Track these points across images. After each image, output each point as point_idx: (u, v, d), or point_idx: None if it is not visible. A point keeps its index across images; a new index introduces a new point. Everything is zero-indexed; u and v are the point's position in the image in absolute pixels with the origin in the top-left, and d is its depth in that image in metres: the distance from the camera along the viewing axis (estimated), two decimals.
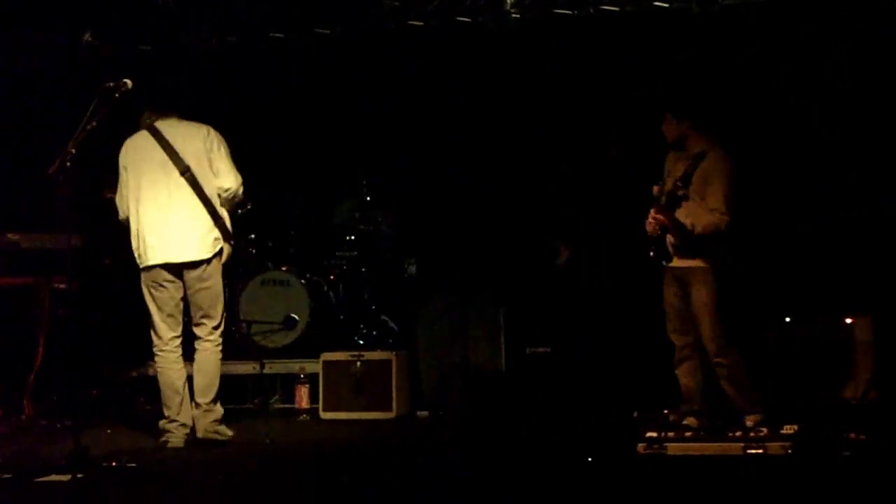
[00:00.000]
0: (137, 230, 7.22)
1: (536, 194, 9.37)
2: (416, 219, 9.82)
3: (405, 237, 9.85)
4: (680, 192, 6.94)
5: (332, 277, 9.67)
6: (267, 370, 9.00)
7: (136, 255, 7.26)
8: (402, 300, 9.51)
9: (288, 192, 9.90)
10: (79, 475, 6.22)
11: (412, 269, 9.68)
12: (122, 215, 7.31)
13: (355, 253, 9.72)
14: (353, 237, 9.75)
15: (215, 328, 7.33)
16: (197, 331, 7.34)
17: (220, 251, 7.30)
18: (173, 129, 7.25)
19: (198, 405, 7.27)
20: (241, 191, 7.37)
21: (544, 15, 9.17)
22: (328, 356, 8.62)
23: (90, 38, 9.77)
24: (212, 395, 7.27)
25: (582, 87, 9.29)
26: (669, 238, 7.02)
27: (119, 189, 7.31)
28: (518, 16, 9.15)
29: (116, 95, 6.61)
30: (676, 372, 7.17)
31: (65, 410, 8.00)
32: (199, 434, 7.25)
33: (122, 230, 7.39)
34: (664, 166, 7.25)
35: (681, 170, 7.03)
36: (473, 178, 9.44)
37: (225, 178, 7.27)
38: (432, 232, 9.62)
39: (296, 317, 9.26)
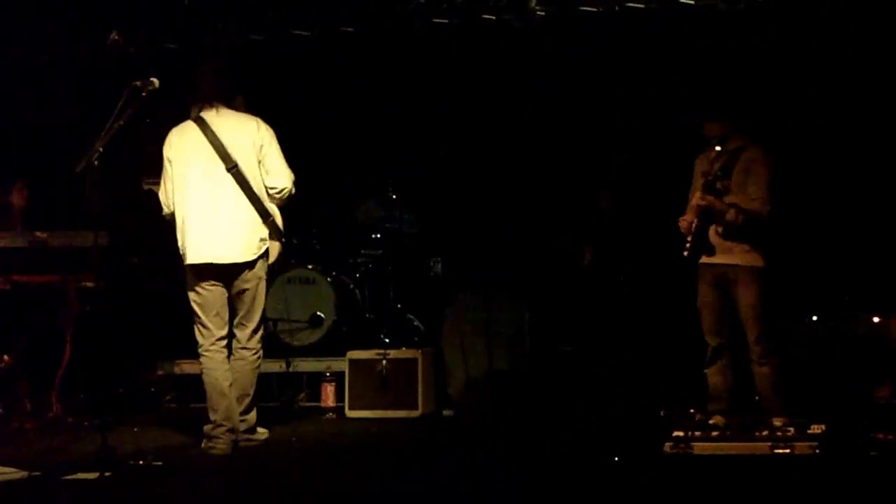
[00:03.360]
0: (182, 226, 6.92)
1: (560, 193, 9.36)
2: (441, 217, 9.81)
3: (430, 235, 9.85)
4: (719, 185, 6.85)
5: (357, 276, 9.68)
6: (293, 368, 9.07)
7: (180, 251, 6.96)
8: (428, 298, 9.51)
9: (313, 191, 9.89)
10: (106, 473, 6.24)
11: (437, 267, 9.68)
12: (165, 210, 7.02)
13: (380, 251, 9.73)
14: (378, 235, 9.76)
15: (254, 332, 7.08)
16: (237, 332, 7.09)
17: (266, 252, 7.02)
18: (221, 120, 6.93)
19: (224, 422, 7.00)
20: (293, 189, 7.05)
21: (569, 12, 9.14)
22: (354, 354, 8.62)
23: (116, 37, 9.81)
24: (245, 405, 7.08)
25: (607, 85, 9.26)
26: (713, 231, 6.93)
27: (163, 183, 7.00)
28: (543, 13, 9.13)
29: (144, 94, 6.58)
30: (707, 371, 7.11)
31: (92, 408, 8.04)
32: (239, 443, 7.11)
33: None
34: (695, 167, 7.20)
35: (718, 166, 6.97)
36: (498, 176, 9.42)
37: (277, 178, 6.96)
38: (457, 230, 9.61)
39: (322, 315, 9.28)
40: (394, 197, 9.68)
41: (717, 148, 6.92)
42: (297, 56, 9.88)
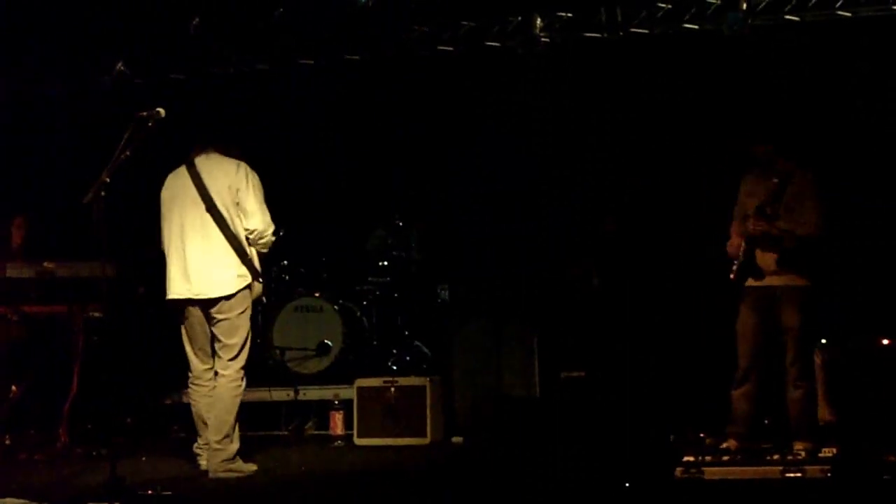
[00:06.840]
0: (167, 263, 7.24)
1: (570, 218, 9.36)
2: (449, 244, 9.81)
3: (437, 262, 9.84)
4: (769, 210, 6.88)
5: (365, 303, 9.68)
6: (301, 397, 9.03)
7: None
8: (435, 325, 9.49)
9: (320, 219, 9.92)
10: (115, 503, 6.22)
11: (444, 294, 9.67)
12: (163, 246, 7.33)
13: (388, 279, 9.72)
14: (385, 263, 9.76)
15: (231, 360, 7.13)
16: (216, 363, 7.21)
17: (247, 287, 7.17)
18: (208, 165, 7.21)
19: (207, 442, 7.11)
20: (269, 232, 7.23)
21: (574, 38, 9.16)
22: (362, 382, 8.60)
23: (122, 68, 9.84)
24: (224, 433, 7.04)
25: (613, 110, 9.27)
26: (759, 255, 6.94)
27: (161, 222, 7.32)
28: (547, 40, 9.14)
29: (150, 124, 6.60)
30: (734, 393, 7.09)
31: (100, 438, 8.02)
32: (210, 473, 7.06)
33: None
34: (740, 187, 7.20)
35: (763, 191, 6.97)
36: (505, 203, 9.43)
37: (251, 219, 7.16)
38: (465, 257, 9.60)
39: (329, 343, 9.27)
40: (400, 224, 9.68)
41: (775, 181, 6.91)
42: (303, 85, 9.89)
